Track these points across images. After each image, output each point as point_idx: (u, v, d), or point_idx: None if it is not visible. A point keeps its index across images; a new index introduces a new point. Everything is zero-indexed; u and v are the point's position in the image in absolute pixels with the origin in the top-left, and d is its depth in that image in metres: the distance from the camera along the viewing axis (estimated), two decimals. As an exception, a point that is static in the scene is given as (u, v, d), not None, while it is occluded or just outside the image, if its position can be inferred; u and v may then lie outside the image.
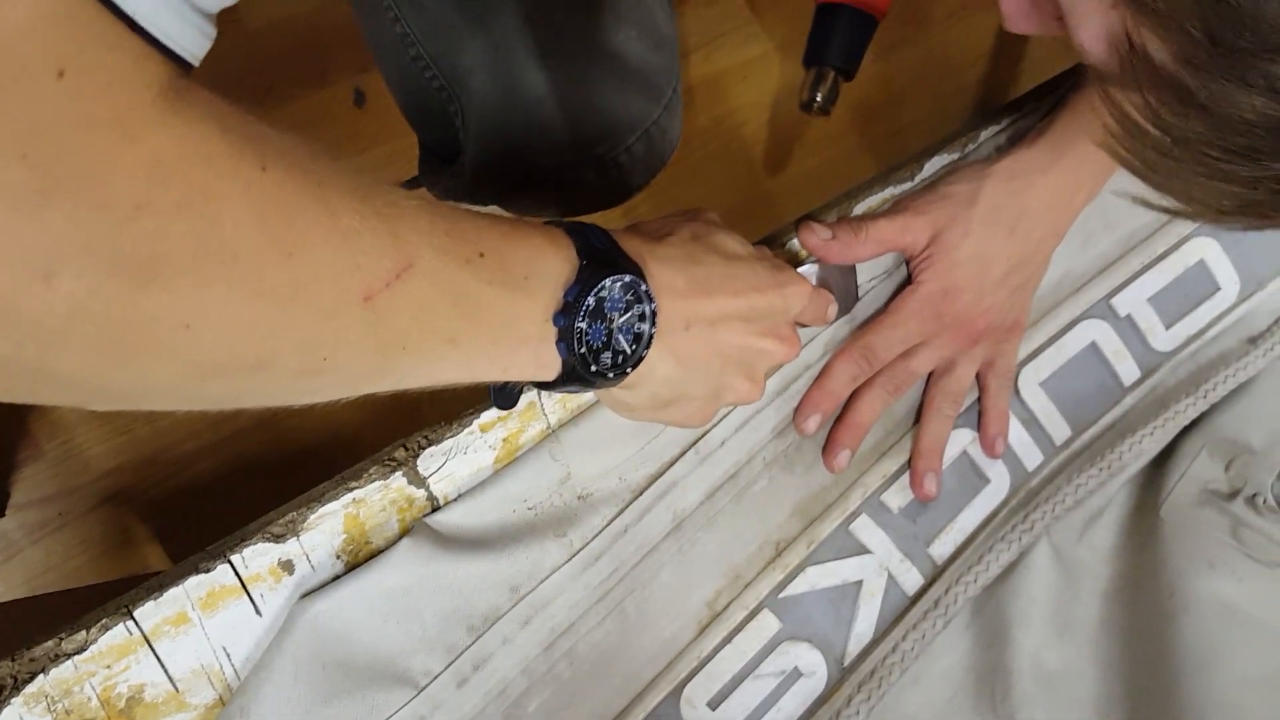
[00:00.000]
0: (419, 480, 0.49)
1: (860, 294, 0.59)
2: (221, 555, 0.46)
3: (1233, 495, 0.59)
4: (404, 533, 0.49)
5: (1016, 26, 0.41)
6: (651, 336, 0.43)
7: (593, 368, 0.42)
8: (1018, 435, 0.62)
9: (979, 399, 0.61)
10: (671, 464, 0.55)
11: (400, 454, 0.49)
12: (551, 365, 0.42)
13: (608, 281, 0.41)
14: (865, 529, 0.58)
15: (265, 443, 1.06)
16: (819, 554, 0.57)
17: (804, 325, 0.54)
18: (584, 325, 0.41)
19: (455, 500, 0.50)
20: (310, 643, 0.46)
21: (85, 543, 1.02)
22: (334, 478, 0.49)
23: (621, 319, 0.42)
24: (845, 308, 0.58)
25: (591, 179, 0.72)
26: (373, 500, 0.48)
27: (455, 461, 0.50)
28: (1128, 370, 0.64)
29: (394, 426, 0.47)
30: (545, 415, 0.52)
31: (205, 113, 0.28)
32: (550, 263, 0.41)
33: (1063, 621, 0.58)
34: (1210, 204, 0.33)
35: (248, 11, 1.11)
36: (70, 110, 0.25)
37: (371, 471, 0.48)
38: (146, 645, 0.44)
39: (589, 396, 0.53)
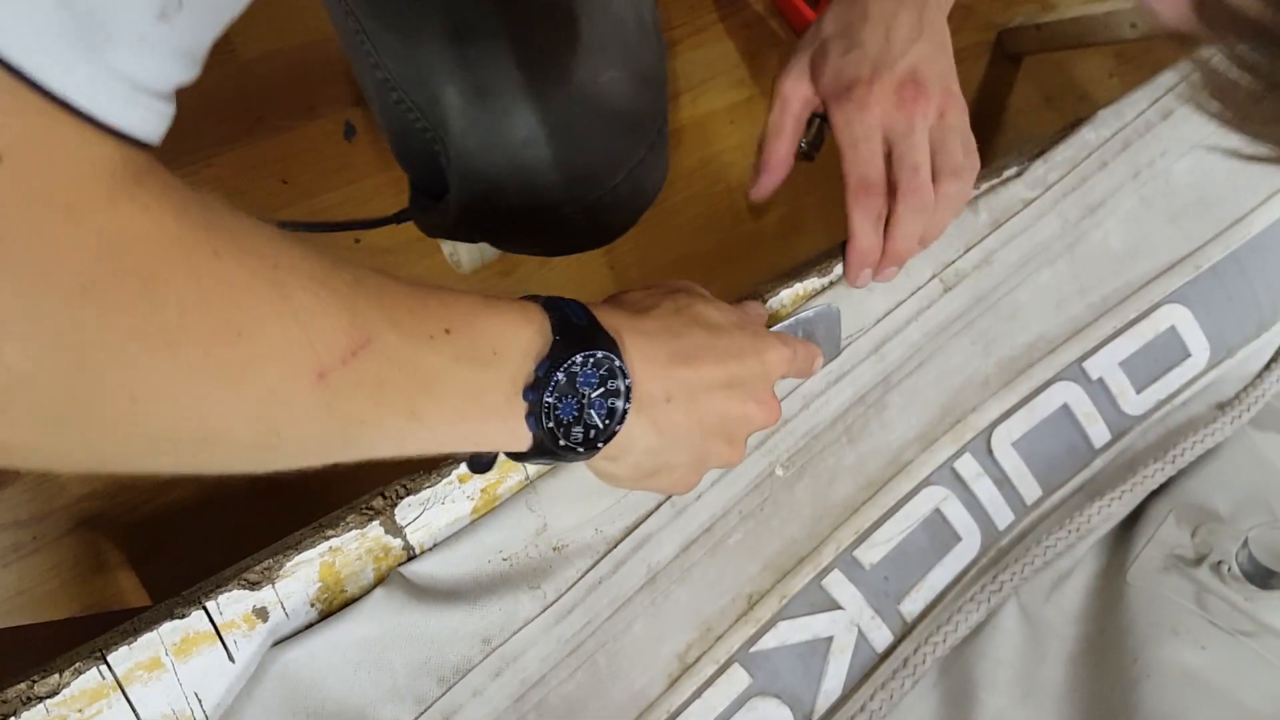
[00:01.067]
0: (396, 529, 0.50)
1: (843, 345, 0.60)
2: (196, 601, 0.46)
3: (1198, 562, 0.60)
4: (379, 581, 0.50)
5: None
6: (625, 411, 0.44)
7: (561, 442, 0.42)
8: (989, 494, 0.63)
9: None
10: (648, 517, 0.55)
11: (378, 503, 0.50)
12: (522, 437, 0.42)
13: (579, 357, 0.42)
14: (837, 584, 0.59)
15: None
16: (791, 608, 0.58)
17: (760, 429, 0.54)
18: (553, 400, 0.41)
19: (430, 550, 0.51)
20: (281, 691, 0.46)
21: (58, 567, 1.01)
22: (311, 524, 0.49)
23: (594, 394, 0.43)
24: (830, 357, 0.59)
25: (576, 219, 0.72)
26: (349, 549, 0.49)
27: (433, 511, 0.51)
28: (1098, 433, 0.65)
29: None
30: (524, 466, 0.53)
31: (159, 197, 0.29)
32: (519, 337, 0.41)
33: (1028, 683, 0.58)
34: None
35: (240, 42, 1.12)
36: (8, 190, 0.25)
37: (349, 520, 0.49)
38: (119, 690, 0.44)
39: (567, 448, 0.54)
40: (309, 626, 0.48)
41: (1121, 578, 0.61)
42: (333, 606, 0.49)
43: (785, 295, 0.60)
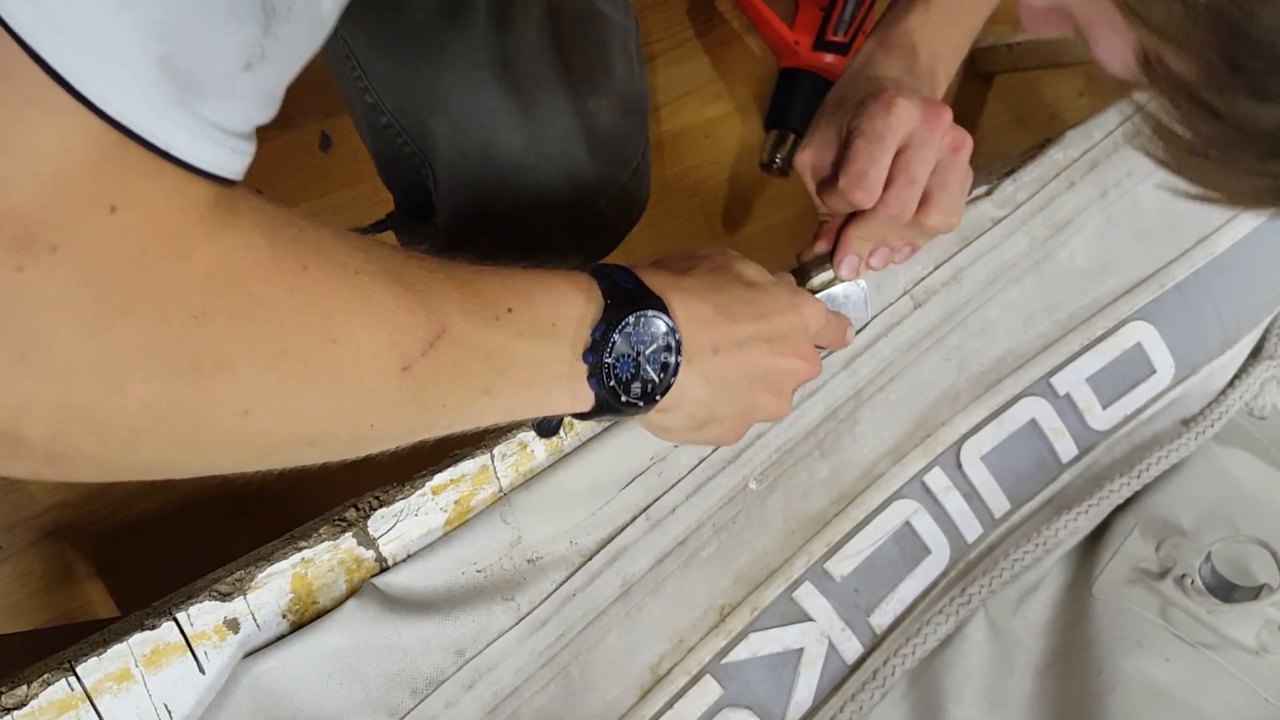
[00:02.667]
0: (369, 541, 0.50)
1: (870, 317, 0.62)
2: (167, 612, 0.46)
3: (1163, 575, 0.61)
4: (351, 593, 0.50)
5: (1033, 28, 0.43)
6: (678, 365, 0.46)
7: (623, 398, 0.45)
8: (958, 507, 0.64)
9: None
10: (623, 529, 0.55)
11: (351, 514, 0.50)
12: (585, 399, 0.45)
13: (631, 318, 0.44)
14: (808, 596, 0.60)
15: (211, 480, 1.05)
16: (762, 620, 0.58)
17: (823, 347, 0.57)
18: (611, 360, 0.44)
19: (403, 561, 0.51)
20: (252, 702, 0.46)
21: (26, 578, 1.00)
22: (283, 536, 0.49)
23: (648, 350, 0.45)
24: (858, 329, 0.61)
25: (560, 242, 0.73)
26: (321, 560, 0.49)
27: (406, 523, 0.51)
28: (1066, 448, 0.66)
29: (341, 468, 0.48)
30: (498, 478, 0.53)
31: (250, 222, 0.32)
32: (574, 306, 0.44)
33: (995, 696, 0.59)
34: (1246, 195, 0.36)
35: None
36: (125, 240, 0.28)
37: (321, 531, 0.49)
38: (88, 701, 0.44)
39: (541, 459, 0.54)
40: (281, 638, 0.48)
41: (1087, 591, 0.62)
42: (304, 618, 0.49)
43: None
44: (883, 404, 0.63)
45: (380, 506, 0.50)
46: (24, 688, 0.43)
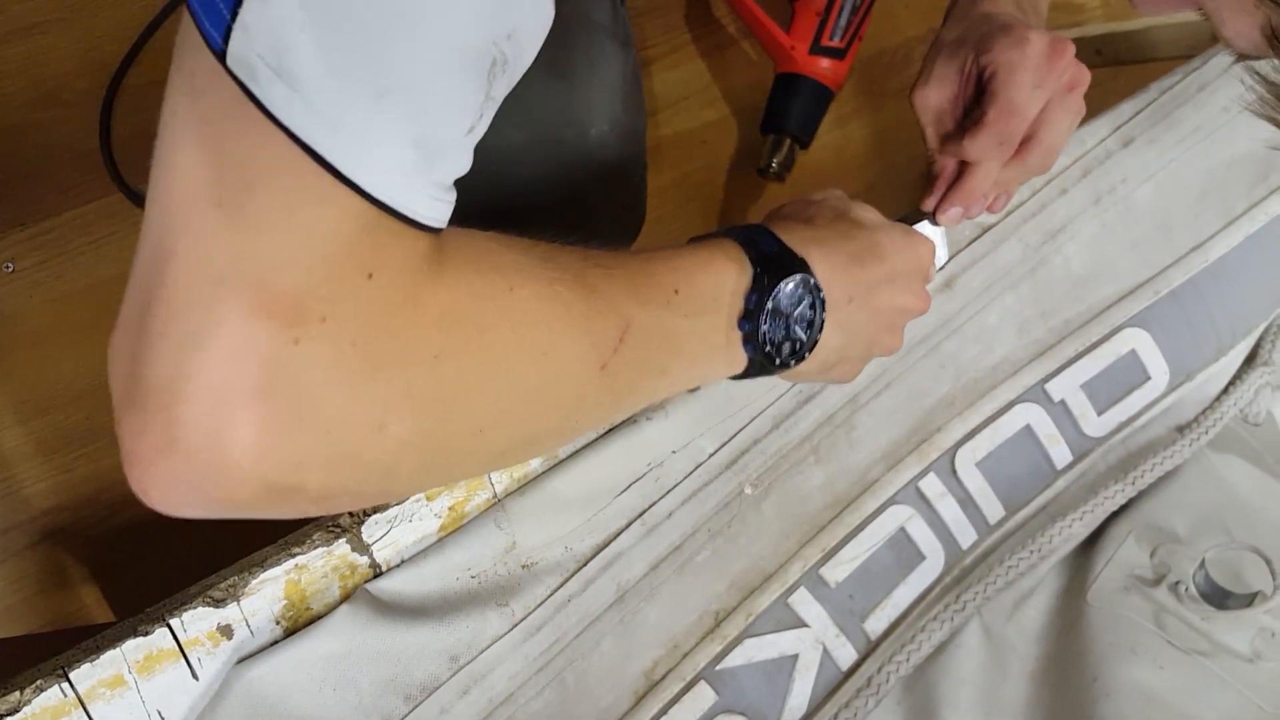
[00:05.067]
0: (362, 547, 0.50)
1: (948, 259, 0.63)
2: (160, 618, 0.46)
3: (1157, 582, 0.61)
4: (345, 599, 0.50)
5: (1150, 8, 0.45)
6: (823, 321, 0.48)
7: (776, 360, 0.47)
8: (953, 513, 0.64)
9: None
10: (618, 535, 0.55)
11: (345, 520, 0.50)
12: (740, 362, 0.47)
13: (782, 284, 0.46)
14: (803, 602, 0.60)
15: (209, 485, 1.05)
16: (757, 626, 0.58)
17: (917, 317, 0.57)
18: (765, 327, 0.46)
19: (397, 567, 0.51)
20: (245, 708, 0.46)
21: (21, 581, 1.00)
22: (277, 542, 0.49)
23: (796, 311, 0.46)
24: (939, 267, 0.63)
25: None
26: (315, 566, 0.49)
27: (400, 529, 0.51)
28: (1060, 454, 0.66)
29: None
30: (492, 484, 0.53)
31: (460, 260, 0.35)
32: (729, 279, 0.46)
33: (990, 702, 0.59)
34: None
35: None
36: (380, 300, 0.31)
37: (315, 537, 0.49)
38: (81, 708, 0.44)
39: (535, 465, 0.54)
40: (274, 644, 0.48)
41: (1082, 598, 0.62)
42: (298, 624, 0.49)
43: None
44: (878, 410, 0.63)
45: (374, 513, 0.50)
46: (17, 694, 0.43)
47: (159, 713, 0.46)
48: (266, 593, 0.48)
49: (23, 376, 1.03)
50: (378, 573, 0.50)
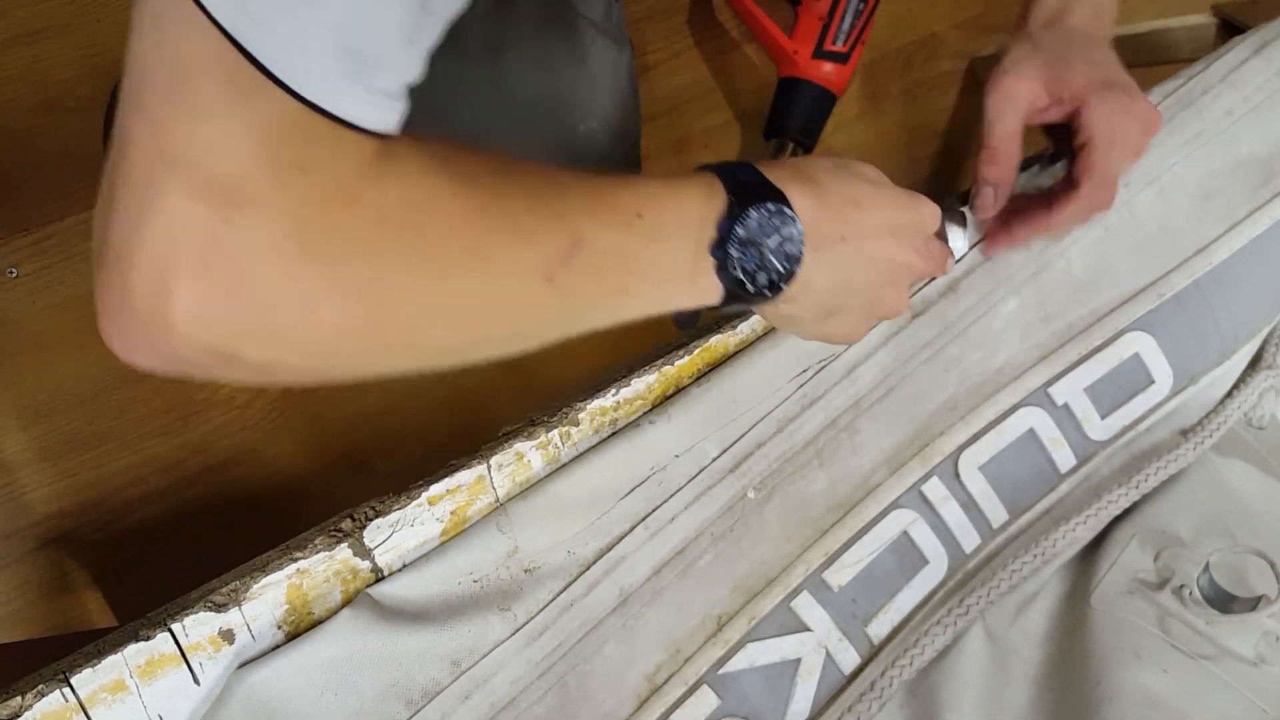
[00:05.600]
0: (364, 552, 0.50)
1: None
2: (162, 623, 0.46)
3: (1161, 586, 0.61)
4: (347, 604, 0.49)
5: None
6: (800, 254, 0.47)
7: (750, 289, 0.47)
8: (956, 517, 0.64)
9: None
10: (621, 539, 0.55)
11: (346, 525, 0.50)
12: (714, 290, 0.47)
13: (753, 211, 0.45)
14: (806, 606, 0.59)
15: (209, 490, 1.05)
16: (759, 630, 0.58)
17: (920, 279, 0.58)
18: (737, 254, 0.46)
19: (399, 571, 0.51)
20: (246, 713, 0.46)
21: (23, 586, 1.00)
22: (279, 546, 0.49)
23: (770, 241, 0.46)
24: (957, 258, 0.63)
25: None
26: (317, 570, 0.49)
27: (402, 534, 0.51)
28: (1064, 458, 0.66)
29: (338, 476, 0.49)
30: (494, 489, 0.53)
31: (408, 166, 0.36)
32: (701, 204, 0.46)
33: (993, 706, 0.59)
34: None
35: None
36: (314, 194, 0.33)
37: (317, 542, 0.49)
38: (82, 713, 0.44)
39: (538, 469, 0.54)
40: (275, 649, 0.48)
41: (1085, 601, 0.62)
42: (300, 629, 0.49)
43: (756, 320, 0.61)
44: (882, 414, 0.62)
45: (376, 517, 0.50)
46: (18, 699, 0.43)
47: (160, 717, 0.46)
48: (268, 597, 0.47)
49: (25, 382, 1.03)
50: (380, 577, 0.50)
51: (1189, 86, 0.70)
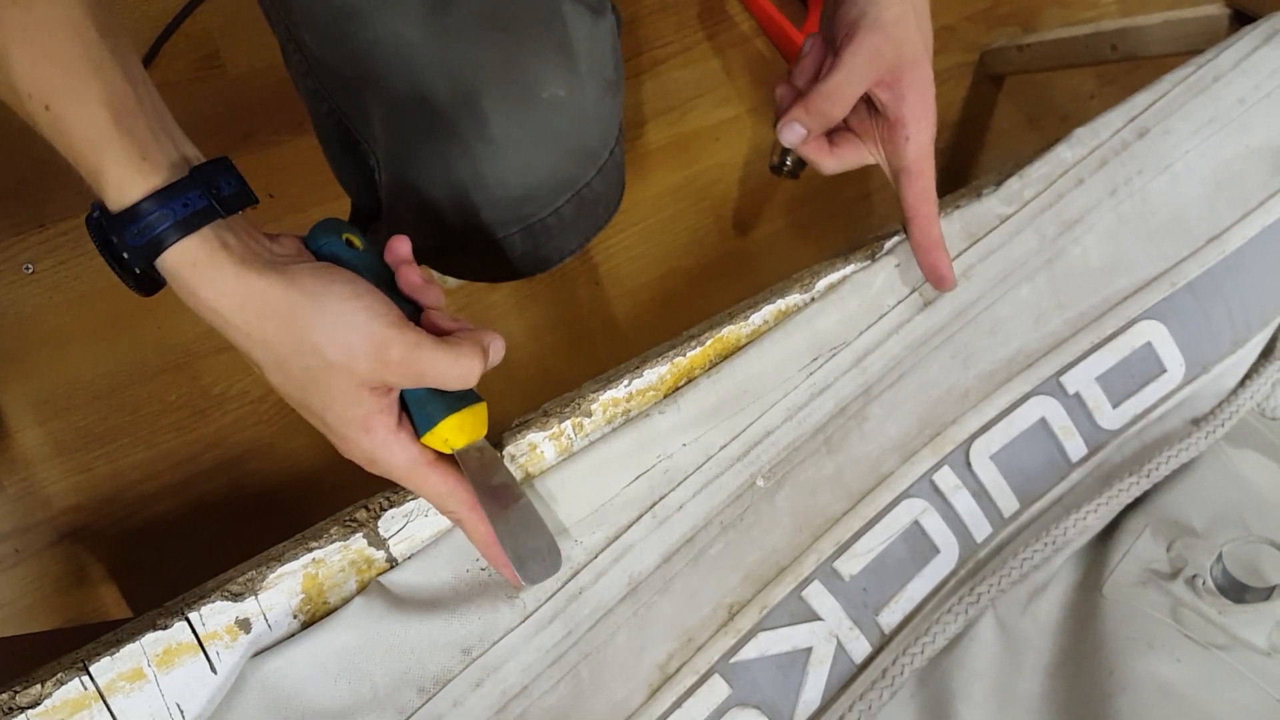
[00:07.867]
0: (379, 541, 0.50)
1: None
2: (179, 613, 0.46)
3: (1174, 576, 0.61)
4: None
5: None
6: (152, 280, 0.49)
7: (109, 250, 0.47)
8: (967, 506, 0.64)
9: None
10: (628, 527, 0.56)
11: (361, 515, 0.50)
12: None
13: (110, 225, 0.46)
14: (817, 595, 0.60)
15: (225, 485, 1.05)
16: (771, 619, 0.58)
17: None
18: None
19: (409, 559, 0.51)
20: (260, 701, 0.47)
21: (40, 580, 1.01)
22: (294, 537, 0.50)
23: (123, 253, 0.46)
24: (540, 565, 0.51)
25: (516, 242, 0.68)
26: (332, 560, 0.49)
27: (416, 524, 0.51)
28: (1075, 447, 0.66)
29: (351, 470, 0.49)
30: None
31: None
32: (113, 181, 0.45)
33: (1005, 695, 0.59)
34: None
35: (229, 58, 1.12)
36: None
37: (332, 532, 0.49)
38: (101, 701, 0.45)
39: (550, 458, 0.54)
40: (290, 637, 0.48)
41: (1097, 591, 0.62)
42: (315, 618, 0.49)
43: (767, 311, 0.61)
44: (892, 401, 0.63)
45: (390, 507, 0.50)
46: (38, 687, 0.44)
47: (178, 705, 0.46)
48: (284, 587, 0.48)
49: (42, 377, 1.04)
50: (394, 567, 0.51)
51: (1200, 73, 0.69)
